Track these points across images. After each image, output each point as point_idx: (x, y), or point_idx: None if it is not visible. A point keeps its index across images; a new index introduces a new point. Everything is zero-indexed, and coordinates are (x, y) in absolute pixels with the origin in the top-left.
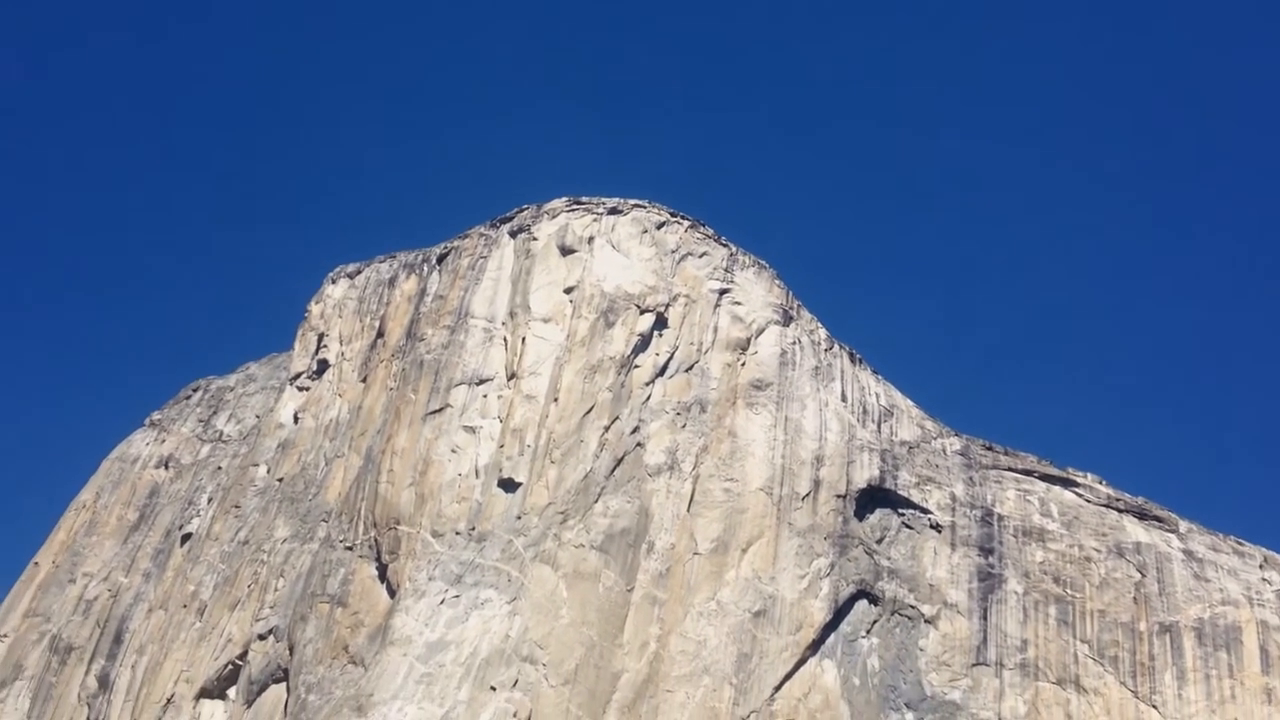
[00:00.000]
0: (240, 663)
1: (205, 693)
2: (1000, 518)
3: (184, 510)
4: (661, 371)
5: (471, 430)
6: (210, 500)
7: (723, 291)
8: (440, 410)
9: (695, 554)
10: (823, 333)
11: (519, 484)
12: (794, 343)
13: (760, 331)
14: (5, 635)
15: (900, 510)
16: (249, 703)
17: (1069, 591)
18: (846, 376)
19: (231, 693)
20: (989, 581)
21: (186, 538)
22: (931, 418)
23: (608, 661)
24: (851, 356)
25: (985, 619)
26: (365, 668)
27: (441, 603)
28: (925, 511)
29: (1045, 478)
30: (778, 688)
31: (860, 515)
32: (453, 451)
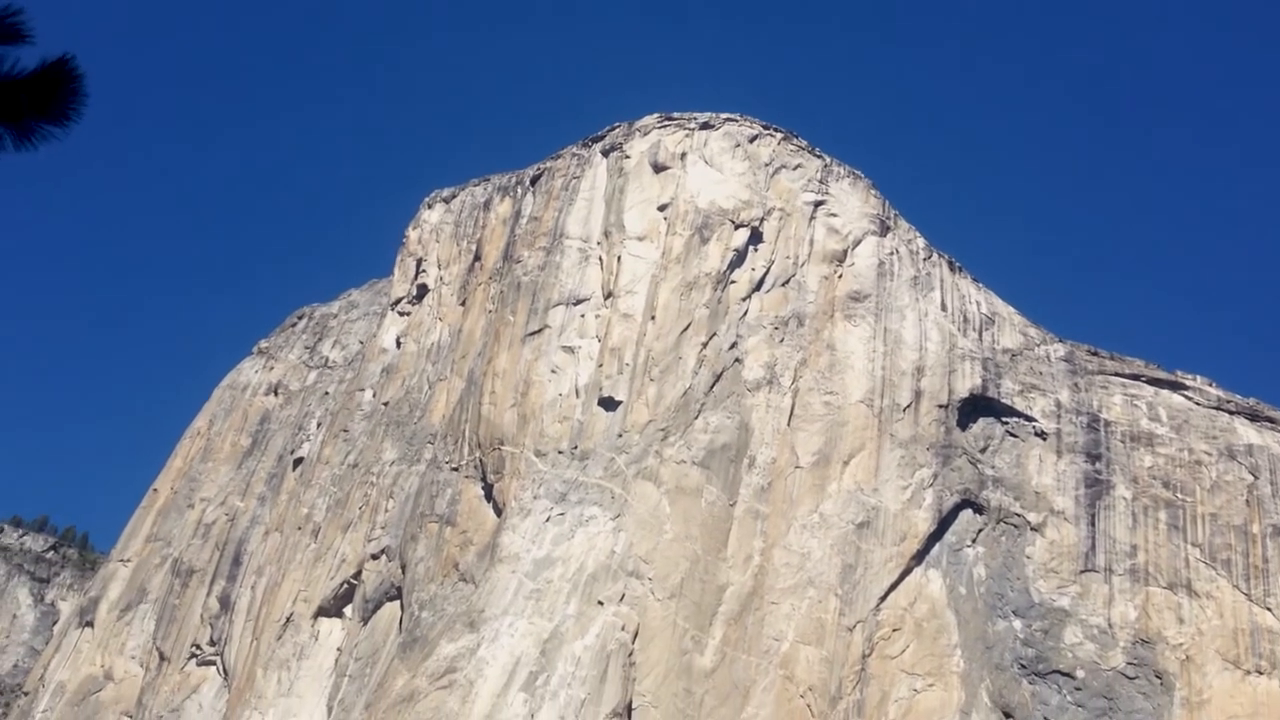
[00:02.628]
0: (355, 582)
1: (323, 611)
2: (1107, 423)
3: (294, 435)
4: (758, 286)
5: (570, 350)
6: (319, 425)
7: (818, 203)
8: (539, 331)
9: (797, 467)
10: (920, 241)
11: (619, 402)
12: (891, 253)
13: (857, 242)
14: (129, 560)
15: (1004, 419)
16: (365, 620)
17: (1179, 496)
18: (946, 285)
19: (348, 611)
20: (1097, 488)
21: (298, 462)
22: (1034, 324)
23: (712, 575)
24: (951, 265)
25: (1093, 525)
26: (476, 585)
27: (547, 520)
28: (1030, 419)
29: (1153, 381)
30: (883, 598)
31: (963, 425)
32: (553, 372)
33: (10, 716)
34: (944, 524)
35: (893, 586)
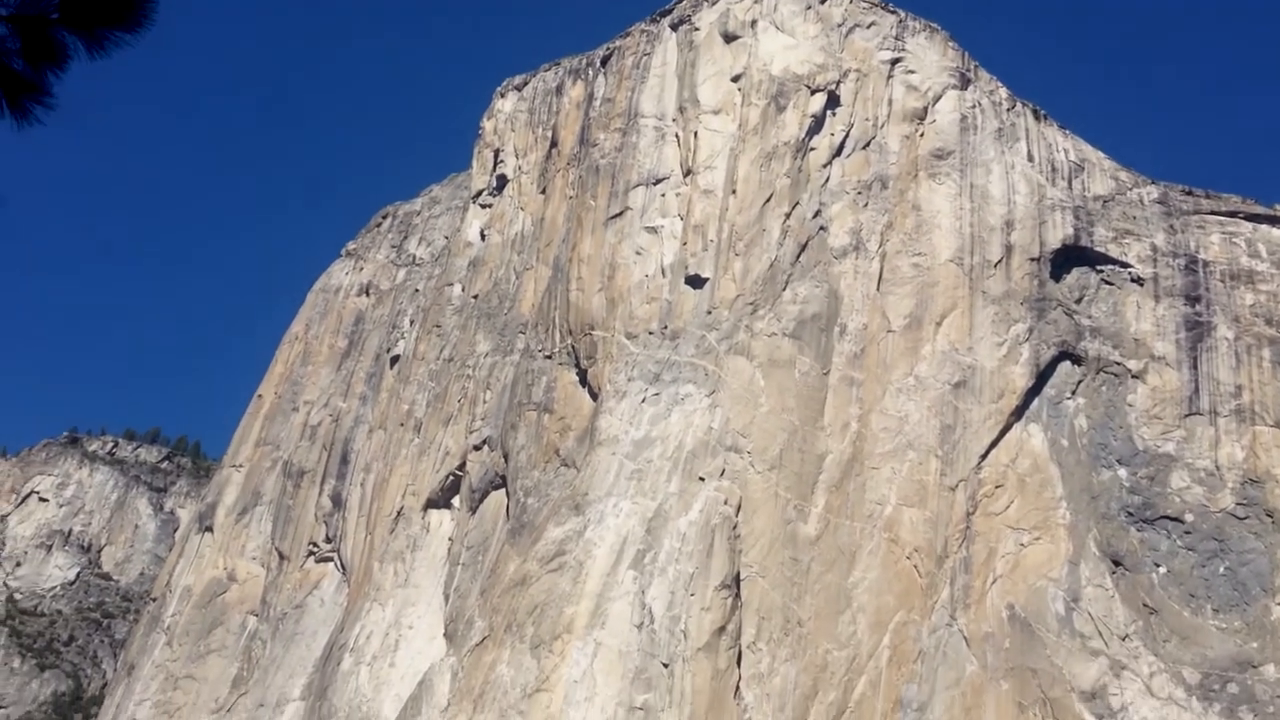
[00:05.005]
0: (460, 473)
1: (431, 503)
2: (1205, 264)
3: (389, 334)
4: (838, 151)
5: (653, 230)
6: (412, 322)
7: (894, 61)
8: (621, 214)
9: (889, 332)
10: (1003, 92)
11: (706, 279)
12: (973, 106)
13: (937, 98)
14: (241, 465)
15: (1098, 267)
16: (473, 510)
17: None
18: (1032, 135)
19: (455, 502)
20: (1197, 330)
21: (395, 360)
22: (1125, 168)
23: (811, 445)
24: (1036, 114)
25: (1195, 368)
26: (577, 469)
27: (643, 401)
28: (1125, 265)
29: (1251, 217)
30: (984, 456)
31: (1056, 276)
32: (637, 253)
33: (141, 622)
34: (1042, 378)
35: (993, 444)
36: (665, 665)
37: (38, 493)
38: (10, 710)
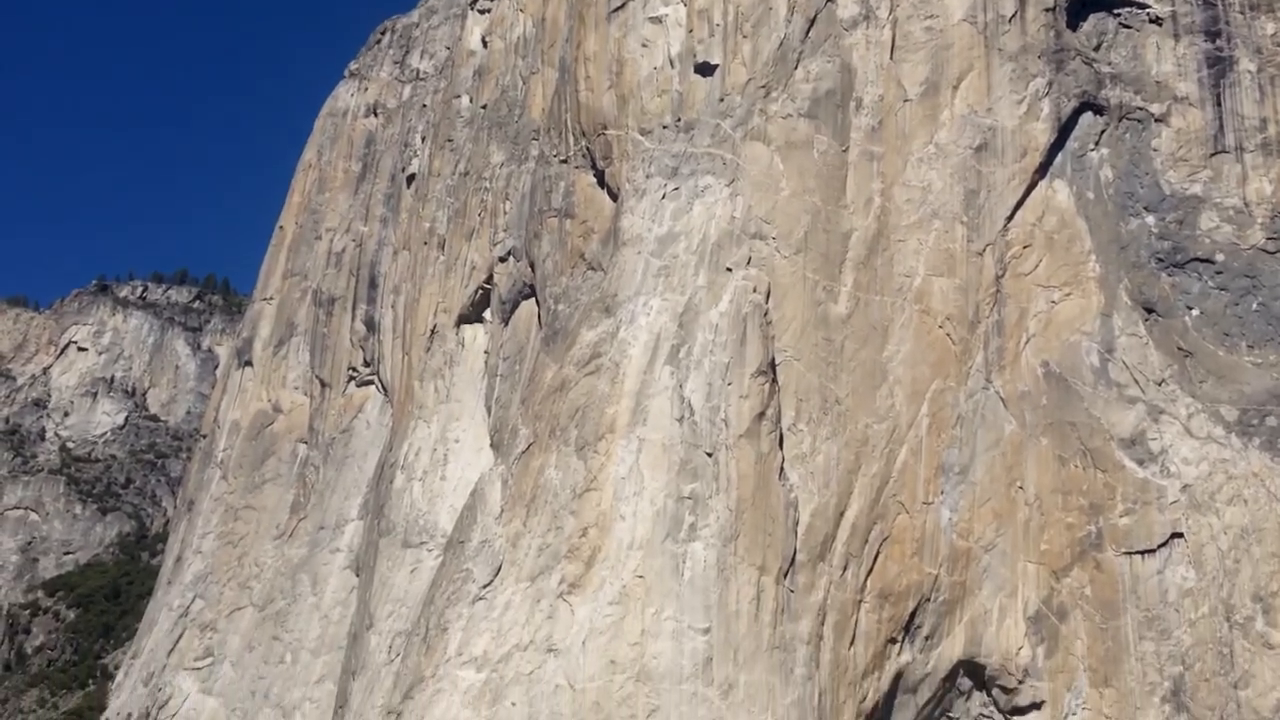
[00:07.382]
0: (488, 286)
1: (463, 319)
2: None
3: (402, 153)
4: None
5: (657, 20)
6: (423, 139)
7: None
8: (623, 6)
9: (905, 101)
10: None
11: (715, 65)
12: None
13: None
14: (271, 298)
15: (1115, 10)
16: (505, 321)
17: None
18: None
19: (487, 315)
20: (1219, 66)
21: (411, 179)
22: None
23: (835, 224)
24: None
25: (1219, 105)
26: (604, 271)
27: (663, 197)
28: (1142, 6)
29: None
30: (1010, 217)
31: (1073, 25)
32: (643, 46)
33: (194, 459)
34: (1064, 132)
35: (1018, 204)
36: (709, 454)
37: (75, 343)
38: (79, 555)
